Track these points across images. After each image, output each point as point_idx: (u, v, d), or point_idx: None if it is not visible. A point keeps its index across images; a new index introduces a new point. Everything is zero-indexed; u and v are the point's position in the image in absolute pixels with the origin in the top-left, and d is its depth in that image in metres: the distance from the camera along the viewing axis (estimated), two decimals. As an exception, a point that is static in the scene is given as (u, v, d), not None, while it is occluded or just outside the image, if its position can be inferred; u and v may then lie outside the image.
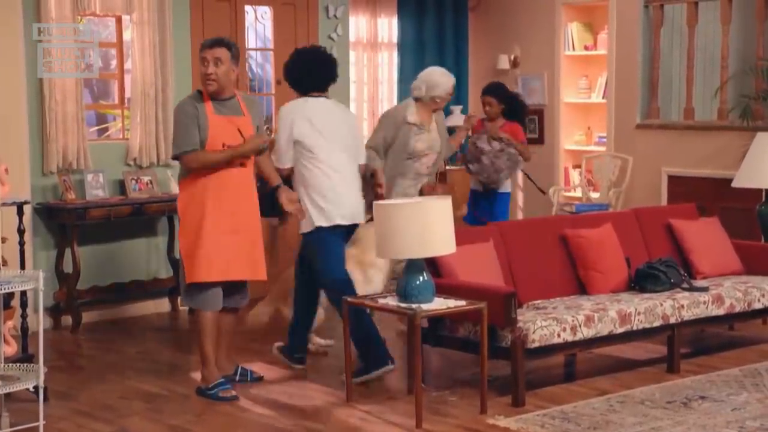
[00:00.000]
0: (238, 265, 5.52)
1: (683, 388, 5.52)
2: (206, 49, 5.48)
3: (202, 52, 5.49)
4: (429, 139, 6.55)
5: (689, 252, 6.55)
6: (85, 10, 7.10)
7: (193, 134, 5.39)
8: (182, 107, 5.50)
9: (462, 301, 5.19)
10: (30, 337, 5.64)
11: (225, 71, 5.44)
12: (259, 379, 5.83)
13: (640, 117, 9.04)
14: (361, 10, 9.54)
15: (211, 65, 5.42)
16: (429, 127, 6.57)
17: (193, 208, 5.46)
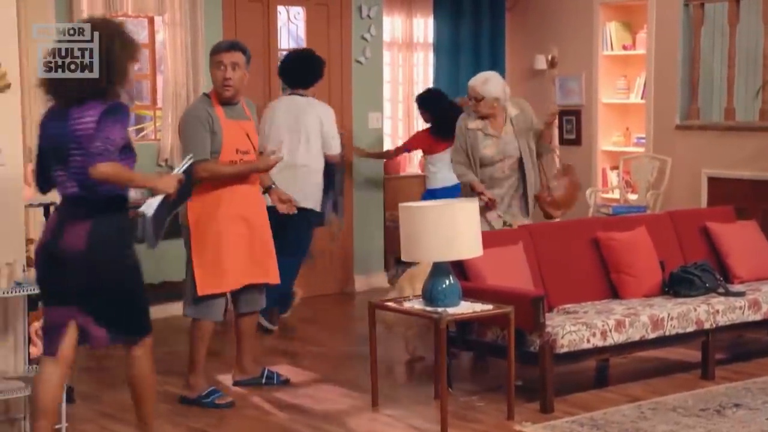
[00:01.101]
0: (252, 270, 5.50)
1: (717, 395, 5.40)
2: (223, 53, 5.39)
3: (217, 56, 5.40)
4: (495, 144, 6.26)
5: (726, 256, 6.41)
6: (117, 11, 7.11)
7: (206, 142, 5.31)
8: (194, 113, 5.40)
9: (489, 305, 5.10)
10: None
11: (241, 76, 5.40)
12: (285, 381, 5.79)
13: (679, 118, 8.88)
14: (396, 10, 9.47)
15: (229, 69, 5.35)
16: (499, 131, 6.30)
17: (206, 218, 5.42)
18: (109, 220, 4.16)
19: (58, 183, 4.20)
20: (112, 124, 4.03)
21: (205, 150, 5.32)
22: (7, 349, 4.75)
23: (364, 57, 8.50)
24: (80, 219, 4.11)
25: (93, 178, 3.99)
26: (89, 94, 4.07)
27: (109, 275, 4.21)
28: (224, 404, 5.42)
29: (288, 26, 8.38)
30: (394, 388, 5.69)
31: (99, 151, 3.97)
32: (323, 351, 6.57)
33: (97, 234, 4.11)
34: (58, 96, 4.15)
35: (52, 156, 4.16)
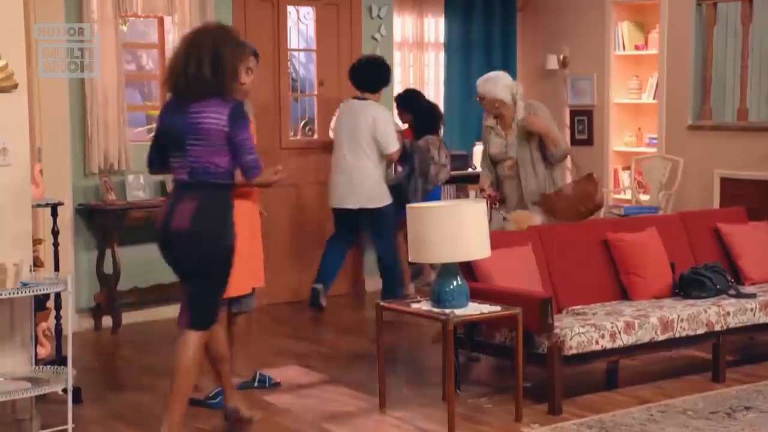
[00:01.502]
0: (257, 273, 5.57)
1: (728, 398, 5.35)
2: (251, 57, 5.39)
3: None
4: (501, 144, 6.32)
5: (737, 257, 6.37)
6: (126, 11, 7.12)
7: None
8: None
9: (497, 306, 5.07)
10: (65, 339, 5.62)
11: (252, 81, 5.42)
12: (276, 384, 5.76)
13: (691, 118, 8.83)
14: (407, 10, 9.44)
15: (248, 74, 5.35)
16: (506, 132, 6.32)
17: None
18: (213, 204, 4.53)
19: (173, 168, 4.62)
20: (245, 129, 4.55)
21: None
22: (14, 350, 4.74)
23: (374, 57, 8.46)
24: (188, 201, 4.52)
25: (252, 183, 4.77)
26: (205, 93, 4.48)
27: (208, 253, 4.56)
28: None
29: (298, 26, 8.36)
30: (402, 389, 5.66)
31: (254, 164, 4.57)
32: (332, 352, 6.56)
33: (200, 214, 4.50)
34: (179, 92, 4.56)
35: (170, 144, 4.58)
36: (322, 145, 8.13)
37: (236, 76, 4.61)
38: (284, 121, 8.06)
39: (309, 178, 8.15)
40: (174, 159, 4.58)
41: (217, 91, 4.49)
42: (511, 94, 6.27)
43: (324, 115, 8.32)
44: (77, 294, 7.02)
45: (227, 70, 4.50)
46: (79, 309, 7.08)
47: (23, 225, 4.77)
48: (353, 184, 7.42)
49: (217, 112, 4.46)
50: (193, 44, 4.54)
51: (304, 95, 8.49)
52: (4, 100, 4.63)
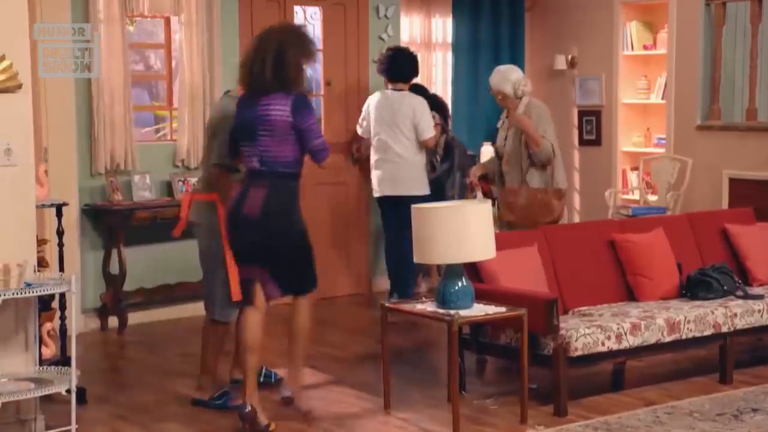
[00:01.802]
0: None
1: (735, 399, 5.32)
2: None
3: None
4: (502, 138, 6.58)
5: (745, 258, 6.33)
6: (133, 11, 7.11)
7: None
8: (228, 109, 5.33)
9: (502, 307, 5.05)
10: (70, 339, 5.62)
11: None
12: (281, 380, 5.75)
13: (700, 118, 8.78)
14: (415, 9, 9.42)
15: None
16: (508, 126, 6.54)
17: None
18: (282, 190, 4.92)
19: (244, 157, 4.97)
20: (309, 116, 4.92)
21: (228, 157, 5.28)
22: (18, 350, 4.73)
23: (382, 57, 8.43)
24: (259, 188, 4.88)
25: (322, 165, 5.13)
26: (270, 88, 4.85)
27: (280, 236, 4.94)
28: (236, 406, 5.38)
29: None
30: (407, 390, 5.64)
31: (321, 147, 4.96)
32: (338, 353, 6.54)
33: (270, 201, 4.88)
34: (248, 87, 4.96)
35: (243, 134, 4.93)
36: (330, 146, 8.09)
37: (299, 75, 4.93)
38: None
39: (313, 179, 7.97)
40: (245, 148, 4.95)
41: (278, 88, 4.85)
42: (514, 89, 6.41)
43: (330, 116, 8.27)
44: (83, 294, 7.03)
45: (289, 70, 4.86)
46: (85, 309, 7.08)
47: (27, 225, 4.76)
48: (399, 171, 7.56)
49: (282, 104, 4.83)
50: (260, 44, 4.95)
51: (311, 95, 8.45)
52: (8, 101, 4.62)
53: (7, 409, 4.59)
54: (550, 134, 6.36)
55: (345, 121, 8.19)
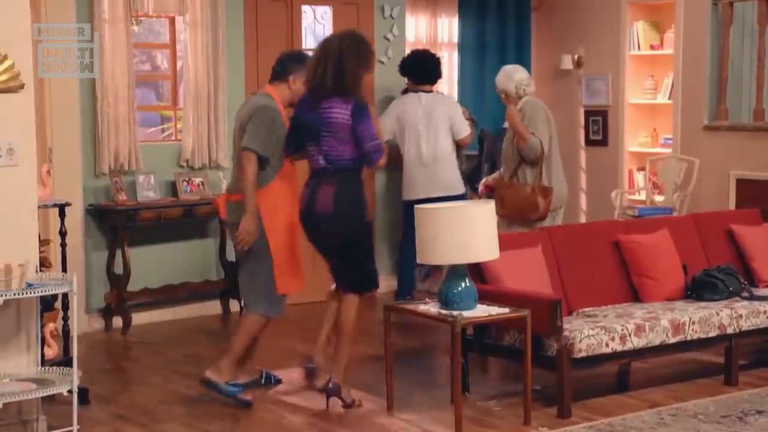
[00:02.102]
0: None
1: (740, 401, 5.29)
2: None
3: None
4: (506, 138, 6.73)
5: (751, 259, 6.30)
6: (138, 11, 7.10)
7: (267, 139, 5.41)
8: (268, 108, 5.50)
9: (505, 308, 5.03)
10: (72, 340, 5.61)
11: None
12: (279, 381, 5.85)
13: (707, 118, 8.74)
14: (421, 9, 9.40)
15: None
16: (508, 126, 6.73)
17: (279, 218, 5.49)
18: (349, 186, 5.24)
19: (309, 157, 5.30)
20: (365, 121, 5.16)
21: (261, 144, 5.39)
22: (20, 351, 4.72)
23: (387, 57, 8.42)
24: (327, 186, 5.21)
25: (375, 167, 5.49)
26: (331, 94, 5.15)
27: (350, 230, 5.26)
28: (243, 401, 5.38)
29: (315, 26, 8.27)
30: (411, 391, 5.62)
31: (374, 149, 5.19)
32: (342, 353, 6.50)
33: (339, 197, 5.21)
34: (311, 91, 5.25)
35: (307, 134, 5.25)
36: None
37: (356, 84, 5.19)
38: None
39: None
40: (311, 147, 5.26)
41: (338, 94, 5.15)
42: (516, 88, 6.53)
43: None
44: (87, 294, 7.03)
45: (348, 79, 5.15)
46: (90, 309, 7.08)
47: (29, 226, 4.75)
48: (436, 173, 7.58)
49: (342, 108, 5.13)
50: (323, 51, 5.24)
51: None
52: (10, 101, 4.62)
53: (8, 410, 4.59)
54: (540, 132, 6.39)
55: None
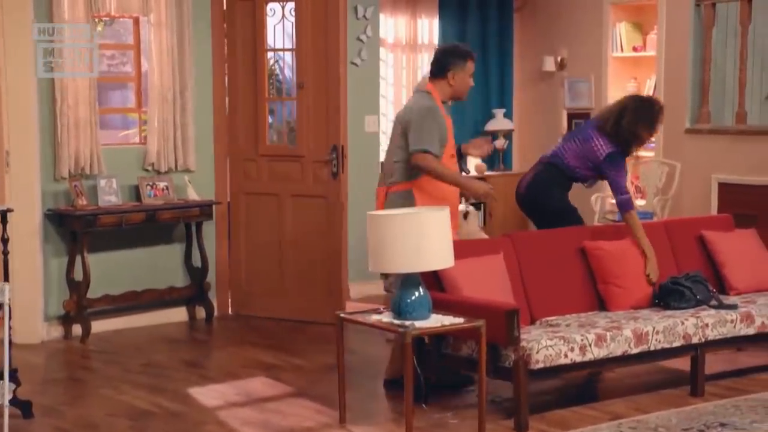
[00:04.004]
0: None
1: (704, 413, 5.11)
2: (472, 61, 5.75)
3: (472, 63, 5.69)
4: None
5: (722, 266, 6.12)
6: (99, 12, 6.93)
7: (435, 135, 5.51)
8: (433, 109, 5.57)
9: (460, 318, 4.86)
10: (20, 349, 5.47)
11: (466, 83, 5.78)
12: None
13: (689, 121, 8.57)
14: (400, 10, 9.25)
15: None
16: None
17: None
18: (544, 176, 6.02)
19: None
20: (613, 169, 5.92)
21: (434, 144, 5.50)
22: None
23: (360, 59, 8.24)
24: (531, 172, 6.16)
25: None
26: (605, 133, 5.98)
27: (536, 213, 6.10)
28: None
29: (284, 24, 8.06)
30: (368, 403, 5.47)
31: (620, 202, 5.93)
32: (304, 363, 6.33)
33: (533, 182, 6.04)
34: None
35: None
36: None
37: (626, 137, 5.89)
38: (261, 125, 7.73)
39: (291, 189, 7.73)
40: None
41: (610, 136, 5.95)
42: None
43: (304, 121, 7.60)
44: (46, 302, 6.87)
45: (621, 130, 5.87)
46: (48, 317, 6.92)
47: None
48: None
49: (603, 143, 5.90)
50: (621, 101, 6.06)
51: (289, 99, 8.22)
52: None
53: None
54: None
55: (325, 127, 7.54)
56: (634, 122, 5.83)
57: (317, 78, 7.54)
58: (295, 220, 7.63)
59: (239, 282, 7.78)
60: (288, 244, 7.64)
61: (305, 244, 7.55)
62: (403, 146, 5.61)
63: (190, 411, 5.35)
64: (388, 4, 9.05)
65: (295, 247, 7.62)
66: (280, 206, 7.67)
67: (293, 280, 7.61)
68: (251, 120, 7.70)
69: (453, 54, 5.66)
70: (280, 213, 7.67)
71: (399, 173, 5.62)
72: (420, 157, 5.48)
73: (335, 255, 7.34)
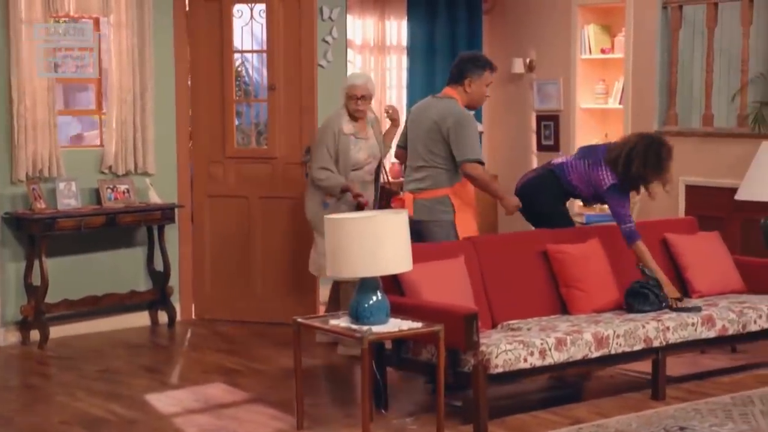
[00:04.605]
0: None
1: (665, 417, 5.06)
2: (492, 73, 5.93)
3: (491, 72, 5.87)
4: (368, 147, 6.52)
5: (684, 269, 6.09)
6: (57, 12, 6.82)
7: (478, 144, 5.76)
8: (472, 117, 5.79)
9: (418, 323, 4.79)
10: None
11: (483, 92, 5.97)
12: None
13: (657, 123, 8.54)
14: (368, 11, 9.18)
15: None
16: (366, 134, 6.55)
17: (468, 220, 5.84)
18: (539, 181, 6.06)
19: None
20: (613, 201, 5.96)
21: (480, 151, 5.77)
22: None
23: (326, 60, 8.16)
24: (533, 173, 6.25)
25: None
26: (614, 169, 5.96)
27: (527, 212, 6.08)
28: None
29: (252, 26, 7.97)
30: (327, 409, 5.40)
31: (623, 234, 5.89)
32: (265, 368, 6.25)
33: (528, 185, 6.08)
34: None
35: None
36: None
37: (632, 177, 5.87)
38: (228, 127, 7.66)
39: (260, 191, 7.66)
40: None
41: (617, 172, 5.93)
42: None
43: (275, 124, 7.58)
44: (3, 307, 6.76)
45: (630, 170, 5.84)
46: (5, 322, 6.80)
47: None
48: None
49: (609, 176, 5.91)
50: (632, 139, 6.02)
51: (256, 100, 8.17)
52: None
53: None
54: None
55: (298, 128, 7.54)
56: (642, 166, 5.81)
57: (289, 80, 7.51)
58: (265, 222, 7.59)
59: (203, 286, 7.69)
60: (257, 245, 7.59)
61: (275, 245, 7.51)
62: (439, 152, 5.74)
63: (146, 418, 5.26)
64: (356, 5, 8.98)
65: (265, 249, 7.58)
66: (249, 208, 7.61)
67: (262, 282, 7.57)
68: (217, 122, 7.63)
69: (472, 62, 5.82)
70: (249, 215, 7.62)
71: (434, 179, 5.76)
72: (472, 167, 5.67)
73: (307, 255, 7.26)
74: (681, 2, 8.30)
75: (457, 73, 5.77)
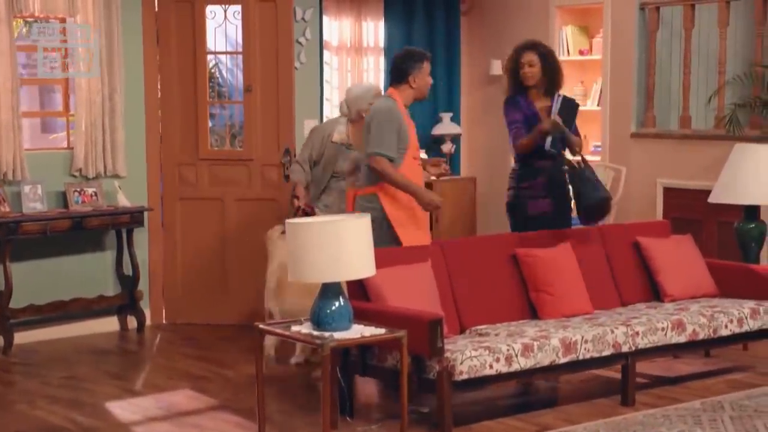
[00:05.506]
0: None
1: (632, 423, 4.98)
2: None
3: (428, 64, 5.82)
4: (356, 158, 6.35)
5: (656, 272, 6.01)
6: (21, 12, 6.71)
7: (393, 140, 5.57)
8: (392, 111, 5.63)
9: (381, 329, 4.70)
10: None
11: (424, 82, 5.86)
12: None
13: (635, 125, 8.48)
14: (344, 12, 9.08)
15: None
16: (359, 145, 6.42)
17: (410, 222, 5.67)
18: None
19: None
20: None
21: (392, 148, 5.56)
22: None
23: (299, 62, 8.06)
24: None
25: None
26: None
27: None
28: None
29: (225, 27, 7.88)
30: (292, 416, 5.30)
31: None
32: (232, 375, 6.15)
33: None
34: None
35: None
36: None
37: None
38: (202, 129, 7.56)
39: (235, 193, 7.58)
40: None
41: None
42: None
43: (252, 126, 7.52)
44: (-33, 312, 6.65)
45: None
46: (-30, 328, 6.69)
47: None
48: None
49: None
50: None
51: (231, 102, 8.05)
52: None
53: None
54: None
55: (275, 130, 7.49)
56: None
57: (265, 81, 7.45)
58: (240, 225, 7.51)
59: (174, 290, 7.60)
60: (231, 248, 7.51)
61: (250, 248, 7.40)
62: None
63: (106, 426, 5.16)
64: (333, 6, 8.88)
65: (240, 251, 7.49)
66: (224, 210, 7.53)
67: (237, 285, 7.47)
68: (190, 124, 7.55)
69: (410, 58, 5.80)
70: (223, 217, 7.54)
71: (365, 176, 5.74)
72: (375, 160, 5.56)
73: (285, 257, 7.22)
74: (658, 3, 8.24)
75: (399, 73, 5.78)
